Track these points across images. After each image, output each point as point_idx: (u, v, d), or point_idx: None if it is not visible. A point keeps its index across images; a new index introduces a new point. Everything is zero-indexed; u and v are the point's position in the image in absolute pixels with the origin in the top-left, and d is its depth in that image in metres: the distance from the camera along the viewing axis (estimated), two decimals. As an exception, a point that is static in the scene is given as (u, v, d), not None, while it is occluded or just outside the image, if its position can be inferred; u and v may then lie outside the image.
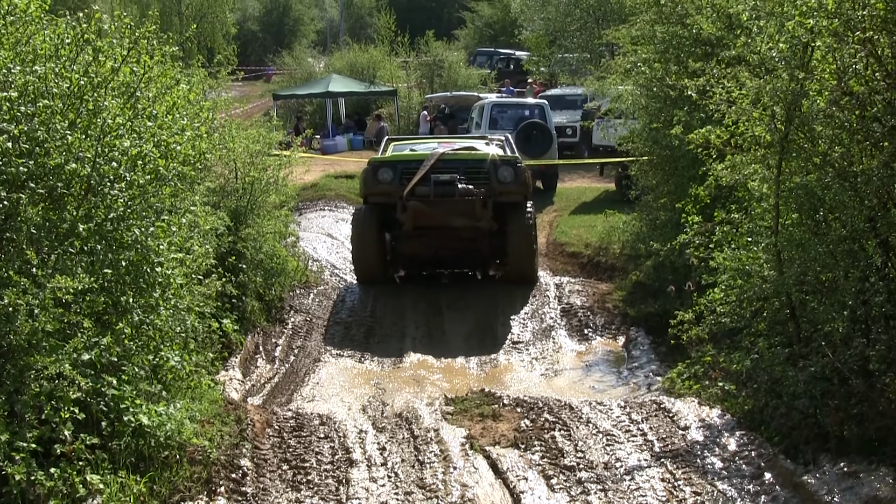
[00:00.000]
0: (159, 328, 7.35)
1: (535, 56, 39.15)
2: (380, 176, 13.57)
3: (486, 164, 13.70)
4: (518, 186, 13.69)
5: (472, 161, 13.81)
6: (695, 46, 12.82)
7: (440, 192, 13.23)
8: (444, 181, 13.27)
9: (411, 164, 13.65)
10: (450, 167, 13.59)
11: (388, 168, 13.66)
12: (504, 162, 13.79)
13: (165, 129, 7.65)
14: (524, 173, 13.80)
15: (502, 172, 13.59)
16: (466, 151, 14.10)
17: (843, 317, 7.12)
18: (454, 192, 13.22)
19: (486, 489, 6.79)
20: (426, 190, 13.26)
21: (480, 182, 13.47)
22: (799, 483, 6.59)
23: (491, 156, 13.93)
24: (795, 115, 7.60)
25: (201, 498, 6.55)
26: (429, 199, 13.25)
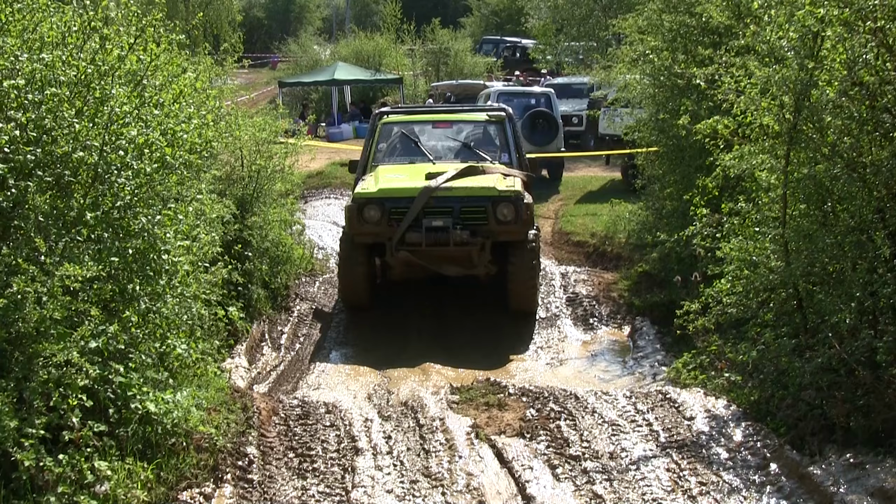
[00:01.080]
0: (166, 316, 7.37)
1: (541, 44, 39.08)
2: (366, 215, 12.00)
3: (484, 202, 12.00)
4: (519, 226, 12.07)
5: (469, 199, 12.04)
6: (703, 35, 12.80)
7: (432, 240, 11.84)
8: (436, 227, 11.86)
9: (400, 203, 11.98)
10: (443, 206, 12.00)
11: (375, 206, 11.99)
12: (503, 199, 12.03)
13: (172, 117, 7.65)
14: (526, 210, 12.13)
15: (502, 210, 11.98)
16: (462, 186, 12.12)
17: (851, 308, 7.11)
18: (448, 241, 11.83)
19: (491, 478, 6.80)
20: (417, 237, 11.85)
21: (477, 221, 11.98)
22: (805, 474, 6.58)
23: (490, 191, 12.07)
24: (804, 105, 7.57)
25: (208, 485, 6.58)
26: (420, 247, 11.90)
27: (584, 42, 36.03)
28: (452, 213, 11.94)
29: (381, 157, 13.71)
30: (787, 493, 6.54)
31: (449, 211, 11.97)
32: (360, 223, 12.03)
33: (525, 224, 12.13)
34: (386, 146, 13.87)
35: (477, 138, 14.06)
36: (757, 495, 6.57)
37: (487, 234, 11.96)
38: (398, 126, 14.14)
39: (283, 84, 35.08)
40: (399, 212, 11.94)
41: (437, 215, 11.92)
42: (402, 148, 13.85)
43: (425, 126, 14.34)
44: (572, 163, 25.40)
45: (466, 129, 14.28)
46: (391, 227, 11.91)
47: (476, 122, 14.30)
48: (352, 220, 12.15)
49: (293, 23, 61.16)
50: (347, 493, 6.61)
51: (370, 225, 12.00)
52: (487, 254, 12.10)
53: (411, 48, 40.56)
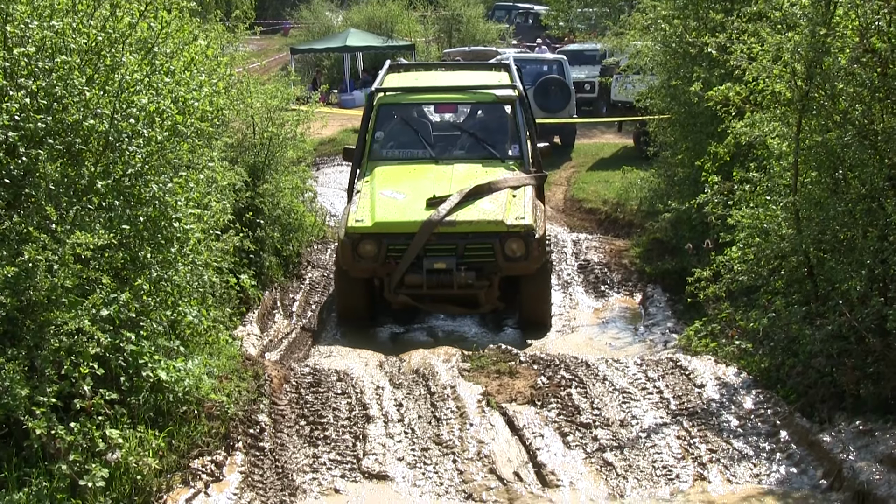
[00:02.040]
0: (177, 284, 7.39)
1: (553, 10, 38.86)
2: (361, 251, 10.73)
3: (491, 238, 10.73)
4: (530, 262, 10.77)
5: (475, 235, 10.73)
6: (715, 2, 12.71)
7: (434, 283, 10.68)
8: (438, 270, 10.65)
9: (399, 240, 10.70)
10: (446, 243, 10.72)
11: (371, 242, 10.68)
12: (512, 234, 10.72)
13: (183, 84, 7.64)
14: (537, 246, 10.82)
15: (510, 246, 10.71)
16: (466, 220, 10.73)
17: (861, 276, 7.10)
18: (451, 283, 10.65)
19: (502, 446, 6.84)
20: (417, 280, 10.67)
21: (484, 259, 10.80)
22: (814, 441, 6.61)
23: (497, 226, 10.71)
24: (816, 73, 7.55)
25: (219, 453, 6.63)
26: (420, 289, 10.76)
27: (597, 8, 35.79)
28: (456, 252, 10.72)
29: (378, 148, 12.49)
30: (797, 460, 6.58)
31: (453, 249, 10.73)
32: (356, 260, 10.78)
33: (535, 260, 10.83)
34: (384, 135, 12.68)
35: (484, 125, 12.90)
36: (767, 462, 6.61)
37: (495, 272, 10.84)
38: (397, 109, 12.88)
39: (296, 51, 34.97)
40: (397, 249, 10.73)
41: (440, 254, 10.72)
42: (402, 139, 12.69)
43: (427, 109, 13.34)
44: (584, 129, 25.32)
45: (473, 112, 13.33)
46: (389, 265, 10.77)
47: (483, 105, 13.06)
48: (345, 257, 10.85)
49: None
50: (359, 460, 6.66)
51: (366, 261, 10.76)
52: (496, 290, 11.05)
53: (423, 14, 40.36)
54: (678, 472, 6.52)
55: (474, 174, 11.61)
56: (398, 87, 13.22)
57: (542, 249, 10.97)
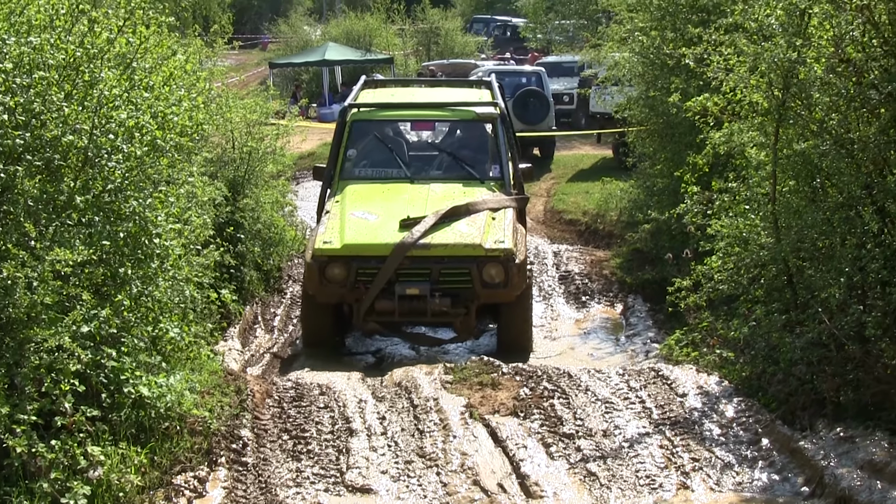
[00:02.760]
0: (158, 299, 7.35)
1: (531, 23, 39.03)
2: (329, 275, 10.12)
3: (468, 263, 10.12)
4: (509, 289, 10.14)
5: (450, 259, 10.13)
6: (692, 13, 12.80)
7: (406, 310, 10.11)
8: (411, 296, 10.05)
9: (369, 263, 10.10)
10: (420, 267, 10.13)
11: (340, 265, 10.08)
12: (491, 259, 10.07)
13: (162, 99, 7.63)
14: (517, 271, 10.13)
15: (489, 272, 10.07)
16: (442, 244, 10.08)
17: (840, 283, 7.16)
18: (425, 311, 10.06)
19: (485, 457, 6.84)
20: (388, 306, 10.08)
21: (460, 285, 10.19)
22: (796, 448, 6.64)
23: (474, 249, 10.09)
24: (793, 83, 7.59)
25: (202, 468, 6.59)
26: (392, 316, 10.23)
27: (575, 20, 35.98)
28: (430, 277, 10.10)
29: (350, 167, 11.74)
30: (779, 467, 6.61)
31: (426, 274, 10.12)
32: (322, 284, 10.15)
33: (515, 287, 10.16)
34: (357, 153, 11.90)
35: (464, 143, 12.11)
36: (749, 470, 6.64)
37: (472, 299, 10.21)
38: (371, 126, 12.06)
39: (274, 65, 35.06)
40: (368, 273, 10.10)
41: (413, 279, 10.11)
42: (376, 157, 11.93)
43: (403, 127, 12.47)
44: (564, 141, 25.42)
45: (451, 131, 12.40)
46: (358, 290, 10.14)
47: (463, 123, 12.22)
48: (312, 281, 10.22)
49: (283, 3, 60.84)
50: (342, 474, 6.64)
51: (334, 286, 10.15)
52: (473, 319, 10.43)
53: (402, 28, 40.47)
54: (661, 481, 6.53)
55: (452, 195, 10.98)
56: (372, 102, 12.66)
57: (522, 276, 10.24)
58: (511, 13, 47.38)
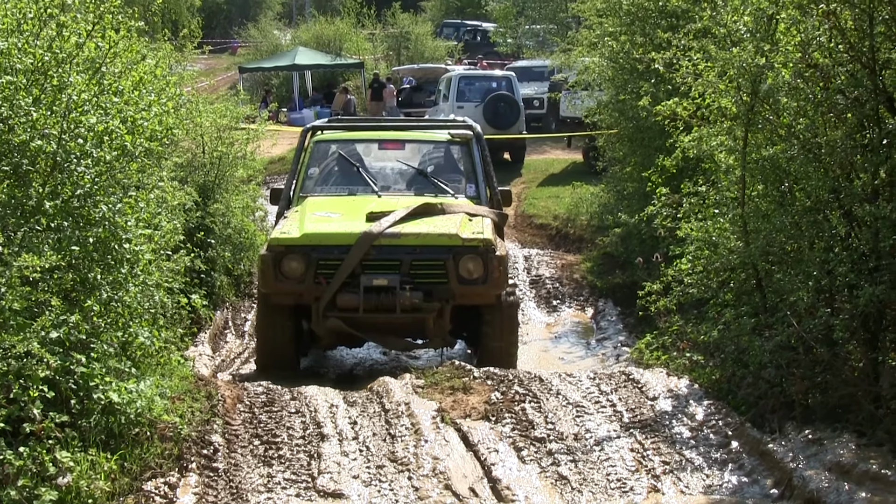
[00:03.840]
0: (128, 305, 7.31)
1: (502, 28, 39.14)
2: (285, 268, 9.15)
3: (443, 254, 9.22)
4: (489, 286, 9.23)
5: (423, 249, 9.25)
6: (661, 18, 12.90)
7: (373, 305, 9.07)
8: (378, 287, 9.07)
9: (331, 253, 9.16)
10: (388, 258, 9.21)
11: (298, 258, 9.13)
12: (469, 250, 9.20)
13: (132, 104, 7.60)
14: (498, 265, 9.22)
15: (466, 265, 9.19)
16: (413, 233, 9.24)
17: (808, 287, 7.22)
18: (393, 305, 9.05)
19: (457, 461, 6.84)
20: (352, 300, 9.06)
21: (434, 280, 9.26)
22: (765, 451, 6.68)
23: (450, 239, 9.23)
24: (761, 88, 7.66)
25: (172, 474, 6.52)
26: (356, 312, 9.13)
27: (545, 25, 36.10)
28: (400, 269, 9.17)
29: (311, 185, 10.74)
30: (749, 470, 6.64)
31: (396, 265, 9.19)
32: (278, 279, 9.17)
33: (496, 284, 9.26)
34: (318, 171, 10.93)
35: (436, 163, 11.21)
36: (719, 473, 6.66)
37: (447, 297, 9.25)
38: (336, 145, 11.14)
39: (244, 69, 34.95)
40: (330, 265, 9.14)
41: (380, 271, 9.17)
42: (340, 175, 10.95)
43: (370, 147, 11.34)
44: (534, 145, 25.48)
45: (423, 150, 11.36)
46: (319, 286, 9.15)
47: (435, 143, 11.33)
48: (266, 276, 9.25)
49: (253, 7, 60.74)
50: (314, 479, 6.62)
51: (291, 282, 9.16)
52: (447, 322, 9.39)
53: (372, 32, 40.49)
54: (632, 484, 6.55)
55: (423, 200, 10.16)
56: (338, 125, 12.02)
57: (503, 273, 9.34)
58: (481, 18, 47.46)
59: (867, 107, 6.79)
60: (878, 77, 6.72)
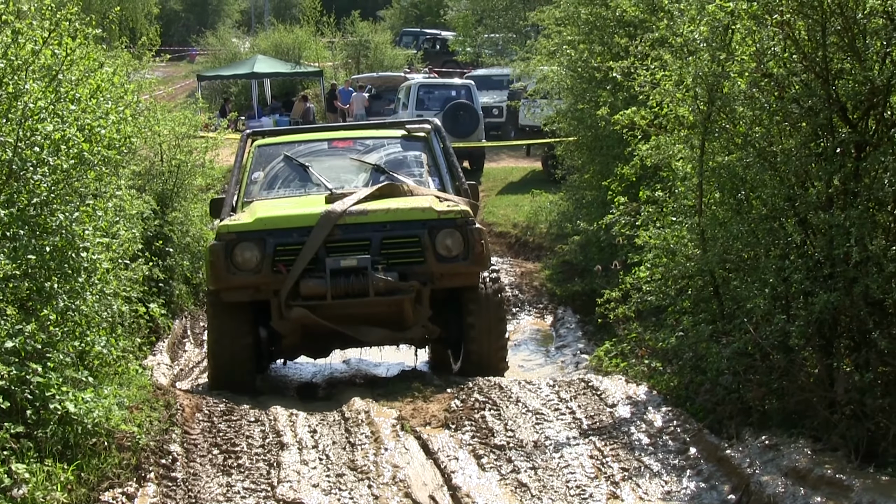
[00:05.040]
0: (85, 314, 7.25)
1: (461, 36, 39.27)
2: (238, 258, 8.23)
3: (417, 229, 8.42)
4: (470, 263, 8.44)
5: (394, 226, 8.45)
6: (619, 28, 13.00)
7: (342, 290, 8.15)
8: (347, 269, 8.17)
9: (290, 237, 8.32)
10: (356, 238, 8.34)
11: (252, 245, 8.24)
12: (446, 223, 8.43)
13: (89, 112, 7.55)
14: (479, 239, 8.49)
15: (443, 241, 8.37)
16: (382, 209, 8.46)
17: (765, 294, 7.27)
18: (365, 288, 8.16)
19: (417, 469, 6.84)
20: (318, 286, 8.16)
21: (408, 259, 8.43)
22: (723, 457, 6.73)
23: (424, 213, 8.50)
24: (717, 96, 7.73)
25: (130, 484, 6.48)
26: (324, 300, 8.21)
27: (504, 33, 36.26)
28: (370, 249, 8.31)
29: (256, 190, 9.66)
30: (706, 475, 6.68)
31: (364, 245, 8.32)
32: (230, 272, 8.22)
33: (479, 260, 8.46)
34: (263, 176, 9.85)
35: (393, 160, 10.07)
36: (677, 479, 6.71)
37: (424, 278, 8.39)
38: (281, 148, 10.12)
39: (202, 77, 34.76)
40: (289, 250, 8.27)
41: (347, 253, 8.29)
42: (288, 177, 9.86)
43: (318, 146, 10.26)
44: (493, 153, 25.56)
45: (377, 147, 10.23)
46: (278, 276, 8.24)
47: (389, 139, 10.33)
48: (216, 269, 8.27)
49: (211, 15, 60.53)
50: (273, 488, 6.59)
51: (245, 274, 8.24)
52: (426, 307, 8.51)
53: (331, 41, 40.46)
54: (591, 491, 6.57)
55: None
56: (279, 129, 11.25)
57: (485, 247, 8.59)
58: (440, 27, 47.58)
59: (821, 116, 6.85)
60: (831, 87, 6.78)
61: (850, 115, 6.82)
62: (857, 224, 6.38)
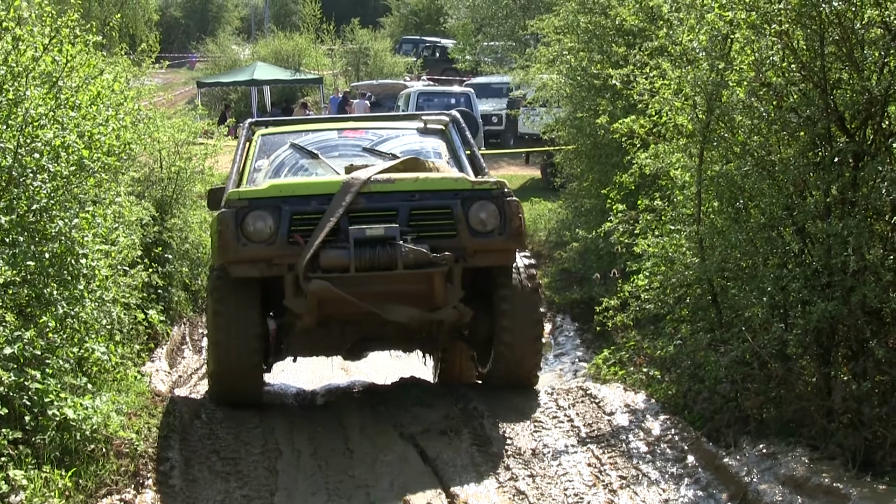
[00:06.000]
0: (84, 320, 7.26)
1: (460, 44, 39.39)
2: (250, 228, 7.39)
3: (449, 199, 7.61)
4: (506, 238, 7.60)
5: (424, 195, 7.62)
6: (618, 36, 13.07)
7: (369, 261, 7.30)
8: (374, 238, 7.33)
9: (309, 203, 7.49)
10: (381, 208, 7.51)
11: (266, 213, 7.42)
12: (480, 194, 7.66)
13: (89, 119, 7.59)
14: (516, 212, 7.68)
15: (478, 213, 7.56)
16: (410, 177, 7.69)
17: (763, 302, 7.29)
18: (395, 260, 7.29)
19: (414, 477, 6.85)
20: (341, 257, 7.28)
21: (438, 233, 7.56)
22: (720, 465, 6.75)
23: (458, 183, 7.76)
24: (716, 105, 7.75)
25: (128, 491, 6.49)
26: (346, 272, 7.31)
27: (503, 42, 36.37)
28: (397, 219, 7.48)
29: (260, 178, 8.70)
30: (704, 484, 6.70)
31: (391, 215, 7.49)
32: (241, 242, 7.37)
33: (516, 235, 7.66)
34: (268, 163, 8.89)
35: (409, 150, 9.02)
36: (675, 487, 6.73)
37: (456, 254, 7.51)
38: (287, 137, 9.25)
39: (202, 84, 34.87)
40: (307, 219, 7.43)
41: (374, 219, 7.46)
42: (295, 165, 8.91)
43: (328, 135, 9.33)
44: (492, 161, 25.58)
45: (391, 137, 9.33)
46: (294, 247, 7.36)
47: (405, 129, 9.56)
48: (225, 240, 7.42)
49: (211, 22, 60.70)
50: (272, 495, 6.62)
51: (257, 245, 7.37)
52: (457, 287, 7.61)
53: (331, 48, 40.59)
54: (589, 499, 6.59)
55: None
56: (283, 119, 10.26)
57: (522, 222, 7.77)
58: (440, 34, 47.71)
59: (819, 125, 6.87)
60: (829, 96, 6.81)
61: (847, 125, 6.84)
62: (854, 233, 6.39)
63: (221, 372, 7.75)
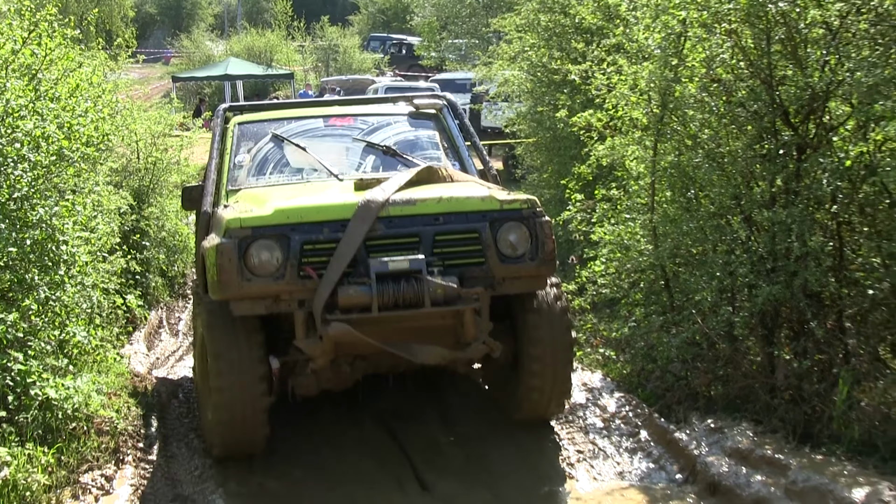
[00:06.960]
0: (65, 304, 7.36)
1: (426, 41, 39.48)
2: (254, 260, 6.27)
3: (477, 223, 6.52)
4: (539, 265, 6.59)
5: (449, 217, 6.53)
6: (577, 34, 13.20)
7: (393, 298, 6.24)
8: (397, 273, 6.27)
9: (321, 231, 6.35)
10: (402, 234, 6.45)
11: (271, 243, 6.30)
12: (511, 215, 6.61)
13: (69, 110, 7.69)
14: (549, 235, 6.63)
15: (507, 237, 6.56)
16: (433, 198, 6.56)
17: (712, 287, 7.49)
18: (421, 297, 6.25)
19: (381, 453, 7.06)
20: (362, 295, 6.20)
21: (465, 260, 6.53)
22: (671, 439, 6.99)
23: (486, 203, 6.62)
24: (669, 100, 7.93)
25: (109, 466, 6.66)
26: (368, 311, 6.23)
27: (467, 39, 36.52)
28: (420, 247, 6.44)
29: (243, 175, 7.80)
30: (656, 457, 6.96)
31: (414, 242, 6.45)
32: (244, 278, 6.24)
33: (548, 260, 6.61)
34: (249, 158, 7.96)
35: (403, 140, 8.24)
36: (629, 460, 6.98)
37: (485, 283, 6.54)
38: (267, 125, 8.26)
39: (177, 79, 34.87)
40: (319, 250, 6.32)
41: (392, 251, 6.38)
42: (280, 161, 7.95)
43: (313, 124, 8.34)
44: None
45: (382, 126, 8.40)
46: (306, 282, 6.28)
47: (395, 116, 8.52)
48: (226, 274, 6.24)
49: (185, 19, 60.39)
50: (249, 467, 6.77)
51: (263, 280, 6.25)
52: (486, 319, 6.55)
53: (302, 44, 40.63)
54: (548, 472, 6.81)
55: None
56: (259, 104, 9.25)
57: (554, 247, 6.70)
58: (407, 32, 47.78)
59: (765, 119, 7.07)
60: (774, 92, 6.99)
61: (792, 119, 7.01)
62: (797, 221, 6.60)
63: (226, 422, 6.53)
